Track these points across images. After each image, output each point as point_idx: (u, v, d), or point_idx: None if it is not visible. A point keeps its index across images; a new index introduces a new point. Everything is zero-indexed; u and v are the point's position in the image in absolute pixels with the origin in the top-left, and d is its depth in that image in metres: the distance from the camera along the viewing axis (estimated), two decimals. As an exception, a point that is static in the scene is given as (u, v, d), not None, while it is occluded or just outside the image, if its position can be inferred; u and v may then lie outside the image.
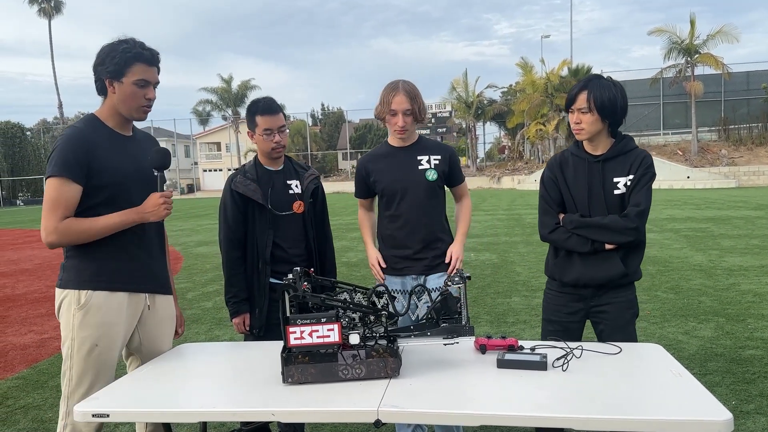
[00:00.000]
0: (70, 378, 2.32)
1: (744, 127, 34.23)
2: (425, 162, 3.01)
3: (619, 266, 2.61)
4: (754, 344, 4.86)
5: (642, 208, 2.56)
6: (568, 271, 2.70)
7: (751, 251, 9.44)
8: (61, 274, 2.40)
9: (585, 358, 2.24)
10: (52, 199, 2.25)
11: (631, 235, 2.58)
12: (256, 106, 2.98)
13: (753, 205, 18.00)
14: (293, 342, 2.01)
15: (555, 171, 2.76)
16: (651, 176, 2.61)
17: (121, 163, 2.39)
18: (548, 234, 2.74)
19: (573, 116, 2.64)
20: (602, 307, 2.69)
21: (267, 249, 2.96)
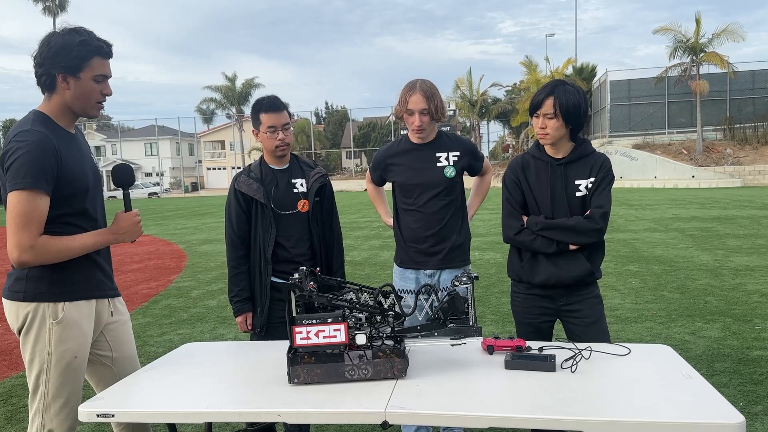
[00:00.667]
0: (45, 392, 2.18)
1: (749, 126, 34.09)
2: (444, 159, 3.02)
3: (585, 265, 2.67)
4: (762, 345, 4.82)
5: (605, 209, 2.64)
6: (536, 273, 2.73)
7: (758, 251, 9.39)
8: (19, 285, 2.18)
9: (593, 359, 2.22)
10: (24, 213, 2.03)
11: (595, 236, 2.65)
12: (260, 104, 2.97)
13: (758, 204, 17.93)
14: (299, 342, 1.99)
15: (518, 174, 2.80)
16: (611, 179, 2.71)
17: (82, 167, 2.24)
18: (514, 236, 2.76)
19: (538, 121, 2.68)
20: (572, 306, 2.73)
21: (269, 248, 2.95)
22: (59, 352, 2.18)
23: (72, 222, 2.21)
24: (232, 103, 53.29)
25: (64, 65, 2.13)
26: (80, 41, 2.13)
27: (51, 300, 2.18)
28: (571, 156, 2.71)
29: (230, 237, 3.03)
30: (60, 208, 2.15)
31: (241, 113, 53.50)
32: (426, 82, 2.94)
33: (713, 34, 32.04)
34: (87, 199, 2.26)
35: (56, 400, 2.20)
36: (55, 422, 2.20)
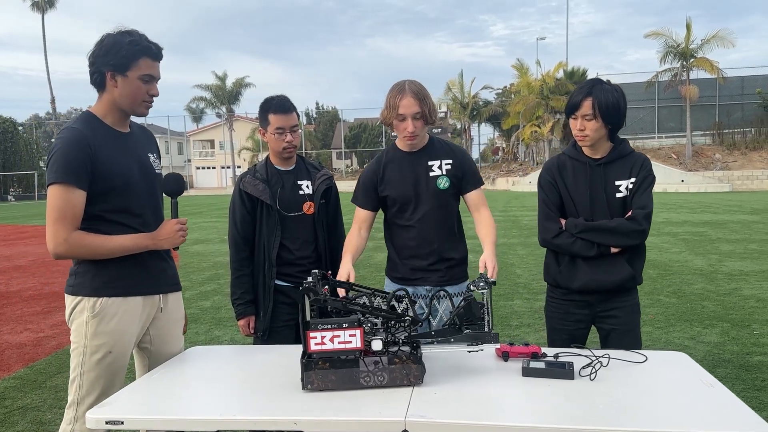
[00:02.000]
0: (80, 385, 2.23)
1: (738, 131, 34.42)
2: (436, 168, 2.79)
3: (627, 269, 2.60)
4: (762, 350, 4.82)
5: (648, 210, 2.56)
6: (575, 278, 2.65)
7: (750, 256, 9.43)
8: (71, 280, 2.29)
9: (611, 366, 2.18)
10: (59, 207, 2.13)
11: (639, 238, 2.58)
12: (269, 104, 2.91)
13: (748, 209, 18.05)
14: (313, 347, 1.94)
15: (554, 175, 2.72)
16: (652, 179, 2.62)
17: (125, 164, 2.29)
18: (552, 239, 2.68)
19: (576, 123, 2.59)
20: (610, 312, 2.66)
21: (273, 251, 2.89)
22: (94, 345, 2.23)
23: (114, 219, 2.27)
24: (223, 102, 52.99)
25: (113, 63, 2.20)
26: (130, 41, 2.21)
27: (90, 294, 2.24)
28: (610, 156, 2.63)
29: (234, 238, 2.97)
30: (98, 204, 2.21)
31: (231, 112, 53.25)
32: (414, 83, 2.69)
33: (703, 40, 32.31)
34: (130, 196, 2.30)
35: (90, 394, 2.23)
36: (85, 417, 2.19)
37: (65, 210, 2.13)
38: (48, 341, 5.64)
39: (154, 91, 2.32)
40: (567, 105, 2.64)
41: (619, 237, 2.57)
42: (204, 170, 64.79)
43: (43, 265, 10.52)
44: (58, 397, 4.17)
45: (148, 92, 2.29)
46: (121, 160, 2.28)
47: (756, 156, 32.83)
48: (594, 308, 2.68)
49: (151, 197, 2.42)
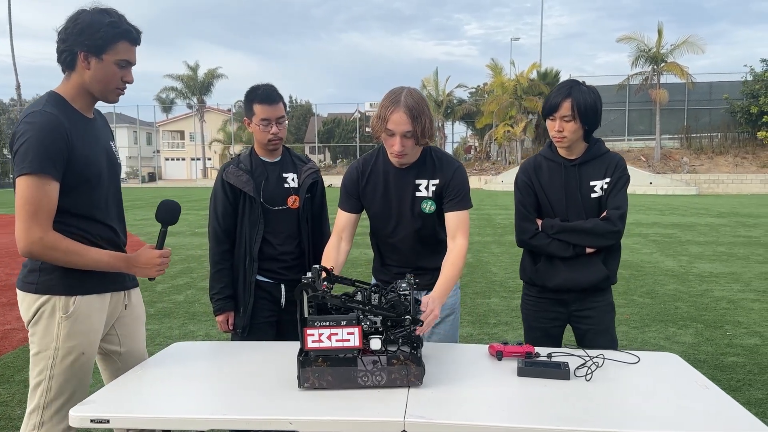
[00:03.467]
0: (47, 389, 2.08)
1: (705, 135, 35.15)
2: (423, 188, 2.52)
3: (602, 270, 2.62)
4: (735, 351, 4.90)
5: (623, 210, 2.58)
6: (551, 277, 2.67)
7: (719, 258, 9.61)
8: (33, 276, 2.08)
9: (605, 367, 2.17)
10: (34, 201, 1.93)
11: (614, 238, 2.59)
12: (254, 94, 2.79)
13: (715, 212, 18.44)
14: (310, 345, 1.89)
15: (530, 175, 2.72)
16: (627, 179, 2.64)
17: (95, 153, 2.13)
18: (529, 239, 2.69)
19: (555, 124, 2.58)
20: (585, 312, 2.67)
21: (255, 245, 2.80)
22: (66, 347, 2.08)
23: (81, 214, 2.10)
24: (194, 93, 52.26)
25: (88, 44, 2.02)
26: (109, 22, 2.03)
27: (63, 293, 2.07)
28: (585, 156, 2.65)
29: (214, 230, 2.87)
30: (66, 197, 2.02)
31: (203, 103, 52.55)
32: (413, 95, 2.35)
33: (673, 45, 32.89)
34: (100, 189, 2.15)
35: (58, 398, 2.09)
36: (54, 420, 2.09)
37: (40, 204, 1.94)
38: (15, 334, 5.47)
39: (129, 78, 2.15)
40: (545, 106, 2.63)
41: (594, 238, 2.59)
42: (173, 161, 63.86)
43: (8, 255, 10.21)
44: (26, 392, 4.03)
45: (123, 78, 2.13)
46: (91, 150, 2.11)
47: (722, 160, 33.58)
48: (569, 306, 2.70)
49: (117, 190, 2.30)
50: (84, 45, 2.02)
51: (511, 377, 2.07)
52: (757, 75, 33.22)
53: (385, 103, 2.36)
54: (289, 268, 2.85)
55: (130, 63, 2.13)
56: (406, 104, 2.31)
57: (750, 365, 4.54)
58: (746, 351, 4.90)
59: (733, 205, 21.88)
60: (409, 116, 2.30)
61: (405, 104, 2.31)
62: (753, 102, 32.69)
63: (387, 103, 2.35)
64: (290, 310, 2.83)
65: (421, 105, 2.34)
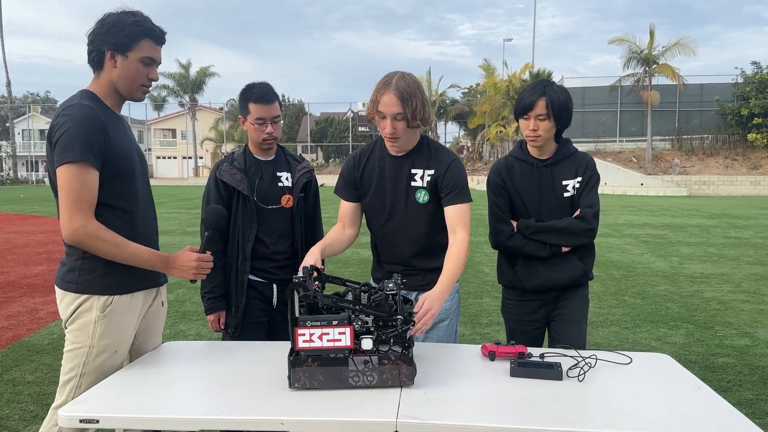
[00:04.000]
0: (77, 385, 2.10)
1: (696, 137, 35.31)
2: (419, 177, 2.49)
3: (579, 266, 2.67)
4: (725, 352, 4.92)
5: (596, 209, 2.63)
6: (531, 278, 2.70)
7: (710, 259, 9.66)
8: (73, 276, 2.12)
9: (598, 368, 2.17)
10: (76, 189, 1.99)
11: (589, 236, 2.65)
12: (250, 93, 2.78)
13: (705, 214, 18.54)
14: (301, 345, 1.87)
15: (502, 177, 2.73)
16: (597, 178, 2.69)
17: (129, 149, 2.21)
18: (505, 241, 2.70)
19: (529, 123, 2.59)
20: (560, 309, 2.73)
21: (248, 244, 2.79)
22: (101, 346, 2.13)
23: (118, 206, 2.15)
24: (186, 91, 52.03)
25: (114, 42, 2.12)
26: (133, 21, 2.13)
27: (102, 293, 2.12)
28: (556, 156, 2.68)
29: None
30: (105, 187, 2.09)
31: (195, 102, 52.35)
32: (405, 78, 2.35)
33: (665, 47, 33.04)
34: (134, 184, 2.22)
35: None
36: None
37: (81, 193, 2.00)
38: (3, 333, 5.42)
39: (154, 75, 2.23)
40: (518, 106, 2.62)
41: (570, 236, 2.62)
42: (165, 160, 63.57)
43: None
44: (16, 390, 4.00)
45: (148, 76, 2.21)
46: (125, 144, 2.20)
47: (713, 162, 33.76)
48: (549, 306, 2.74)
49: (148, 187, 2.37)
50: (110, 43, 2.12)
51: (504, 378, 2.06)
52: (748, 77, 33.41)
53: (377, 87, 2.38)
54: (281, 267, 2.83)
55: (154, 61, 2.21)
56: (397, 87, 2.32)
57: (740, 366, 4.56)
58: (736, 352, 4.93)
59: (723, 206, 22.00)
60: (399, 98, 2.31)
61: (396, 87, 2.32)
62: (744, 104, 32.87)
63: (379, 86, 2.37)
64: (282, 310, 2.82)
65: (412, 88, 2.34)
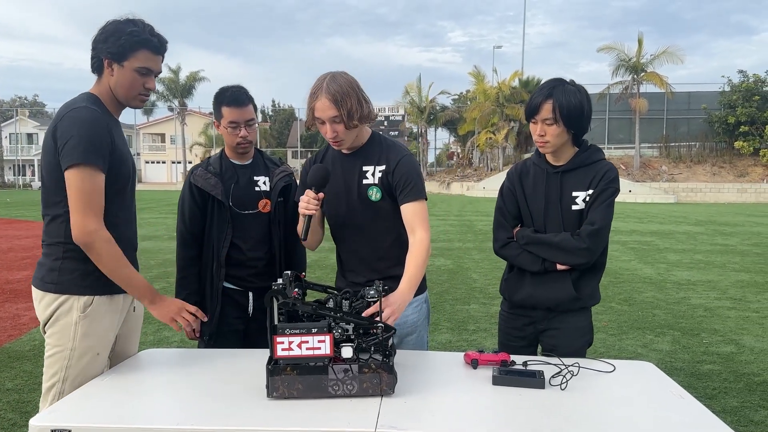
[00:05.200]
0: (60, 391, 2.08)
1: (684, 145, 35.59)
2: (370, 174, 2.40)
3: (569, 289, 2.43)
4: (711, 359, 4.93)
5: (597, 227, 2.35)
6: (517, 290, 2.55)
7: (697, 266, 9.70)
8: (52, 276, 2.11)
9: (581, 376, 2.15)
10: (89, 192, 2.01)
11: (582, 257, 2.38)
12: (222, 96, 2.72)
13: (693, 221, 18.65)
14: (280, 353, 1.84)
15: (514, 182, 2.57)
16: (612, 192, 2.41)
17: (127, 153, 2.22)
18: (500, 249, 2.57)
19: (536, 127, 2.39)
20: (551, 332, 2.52)
21: (223, 250, 2.73)
22: (83, 347, 2.11)
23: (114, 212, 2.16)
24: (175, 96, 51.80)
25: (111, 51, 2.13)
26: (131, 31, 2.13)
27: (82, 293, 2.12)
28: (570, 164, 2.45)
29: (182, 235, 2.79)
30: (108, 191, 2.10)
31: (184, 106, 52.14)
32: (336, 80, 2.25)
33: (653, 55, 33.30)
34: (128, 189, 2.24)
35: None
36: None
37: (91, 195, 2.02)
38: (-15, 339, 5.34)
39: (151, 85, 2.23)
40: (526, 108, 2.43)
41: (561, 253, 2.40)
42: (154, 164, 63.29)
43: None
44: (-6, 398, 3.93)
45: (145, 85, 2.21)
46: (125, 150, 2.21)
47: (700, 169, 34.02)
48: (537, 326, 2.55)
49: (134, 191, 2.37)
50: (107, 52, 2.13)
51: (486, 386, 2.03)
52: (735, 86, 33.73)
53: (310, 93, 2.29)
54: (257, 275, 2.78)
55: (150, 71, 2.20)
56: (328, 90, 2.23)
57: (726, 373, 4.57)
58: (722, 359, 4.93)
59: (710, 213, 22.16)
60: (332, 101, 2.22)
61: (327, 91, 2.23)
62: (730, 112, 33.18)
63: (312, 91, 2.28)
64: (258, 318, 2.77)
65: (344, 88, 2.24)
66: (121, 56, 2.12)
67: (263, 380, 1.89)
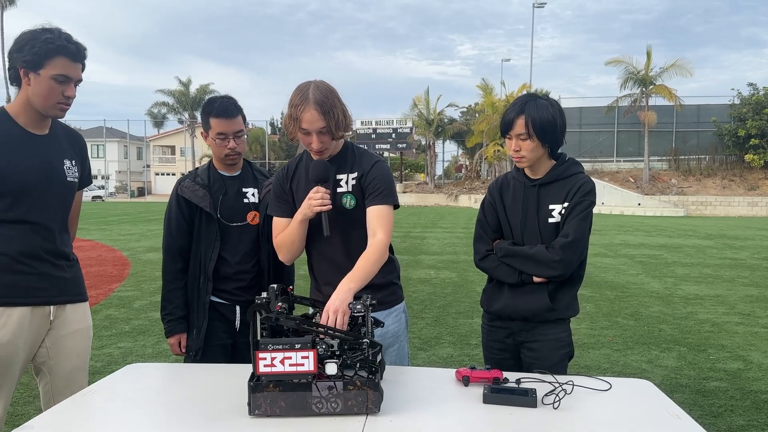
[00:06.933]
0: None
1: (693, 158, 35.43)
2: (344, 183, 2.38)
3: (544, 300, 2.42)
4: (718, 375, 4.83)
5: (570, 239, 2.35)
6: (493, 301, 2.56)
7: (705, 280, 9.58)
8: None
9: (574, 394, 2.08)
10: None
11: (556, 269, 2.37)
12: (211, 106, 2.68)
13: (702, 234, 18.48)
14: (262, 369, 1.79)
15: (494, 195, 2.59)
16: (587, 205, 2.39)
17: (25, 168, 2.16)
18: (479, 261, 2.58)
19: (511, 143, 2.41)
20: (530, 344, 2.50)
21: (210, 263, 2.68)
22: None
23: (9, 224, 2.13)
24: (185, 108, 52.23)
25: (26, 60, 2.09)
26: (45, 38, 2.08)
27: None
28: (546, 177, 2.47)
29: (168, 247, 2.76)
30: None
31: (194, 119, 52.48)
32: (320, 88, 2.23)
33: (662, 68, 33.25)
34: (29, 204, 2.17)
35: None
36: None
37: None
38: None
39: (70, 93, 2.17)
40: (501, 124, 2.47)
41: (535, 265, 2.40)
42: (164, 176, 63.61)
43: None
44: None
45: (63, 93, 2.15)
46: (23, 164, 2.15)
47: (710, 182, 33.80)
48: (516, 337, 2.53)
49: (57, 206, 2.29)
50: (22, 61, 2.10)
51: (477, 404, 1.97)
52: (745, 98, 33.58)
53: (294, 102, 2.24)
54: (245, 288, 2.73)
55: (69, 78, 2.15)
56: (316, 100, 2.20)
57: (732, 390, 4.47)
58: (729, 375, 4.83)
59: (720, 227, 21.96)
60: (320, 112, 2.20)
61: (314, 101, 2.20)
62: (740, 125, 33.00)
63: (296, 101, 2.23)
64: (246, 333, 2.72)
65: (330, 98, 2.23)
66: (36, 64, 2.08)
67: (246, 397, 1.84)
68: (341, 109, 2.26)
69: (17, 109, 2.16)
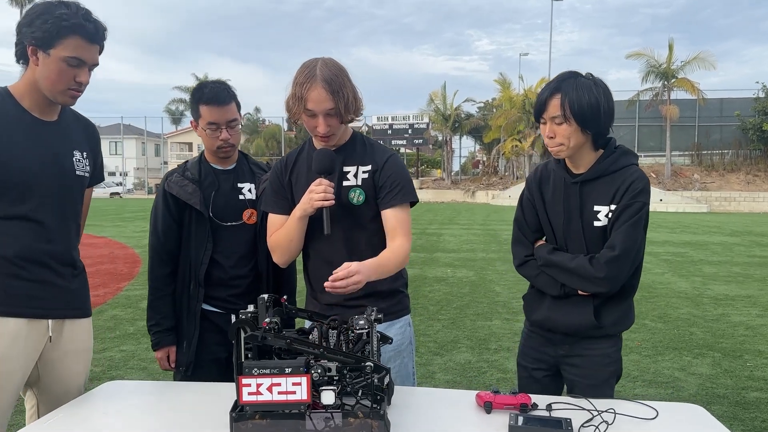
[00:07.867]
0: None
1: (716, 153, 34.69)
2: (351, 176, 2.13)
3: (588, 315, 2.08)
4: (757, 385, 4.48)
5: (617, 253, 1.99)
6: (534, 310, 2.24)
7: (735, 279, 9.17)
8: None
9: (617, 424, 1.78)
10: None
11: (599, 286, 2.03)
12: (200, 92, 2.36)
13: (727, 231, 17.96)
14: (246, 398, 1.51)
15: (533, 190, 2.23)
16: (638, 208, 2.02)
17: (30, 157, 1.88)
18: (518, 266, 2.25)
19: (545, 128, 2.05)
20: (573, 359, 2.17)
21: (202, 267, 2.38)
22: None
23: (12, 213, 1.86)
24: (203, 105, 52.30)
25: (35, 36, 1.81)
26: (60, 14, 1.80)
27: None
28: (590, 172, 2.07)
29: (155, 250, 2.44)
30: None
31: (211, 116, 52.58)
32: (329, 66, 1.99)
33: (684, 62, 32.54)
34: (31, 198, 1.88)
35: None
36: None
37: None
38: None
39: (83, 78, 1.88)
40: (534, 106, 2.12)
41: (577, 280, 2.06)
42: (181, 173, 63.84)
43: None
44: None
45: (75, 78, 1.86)
46: (26, 153, 1.86)
47: (734, 178, 33.06)
48: (557, 349, 2.20)
49: (65, 203, 1.98)
50: (31, 37, 1.82)
51: (501, 436, 1.68)
52: (770, 92, 32.78)
53: (299, 80, 1.99)
54: (240, 295, 2.42)
55: (82, 61, 1.86)
56: (324, 78, 1.96)
57: (775, 402, 4.12)
58: (770, 385, 4.48)
59: (746, 223, 21.37)
60: (329, 91, 1.96)
61: (323, 78, 1.96)
62: (765, 119, 32.20)
63: (302, 79, 1.98)
64: None
65: (340, 77, 1.99)
66: (47, 43, 1.80)
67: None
68: (351, 90, 2.01)
69: (22, 90, 1.89)
